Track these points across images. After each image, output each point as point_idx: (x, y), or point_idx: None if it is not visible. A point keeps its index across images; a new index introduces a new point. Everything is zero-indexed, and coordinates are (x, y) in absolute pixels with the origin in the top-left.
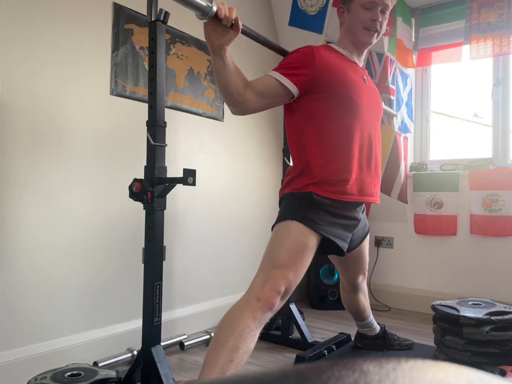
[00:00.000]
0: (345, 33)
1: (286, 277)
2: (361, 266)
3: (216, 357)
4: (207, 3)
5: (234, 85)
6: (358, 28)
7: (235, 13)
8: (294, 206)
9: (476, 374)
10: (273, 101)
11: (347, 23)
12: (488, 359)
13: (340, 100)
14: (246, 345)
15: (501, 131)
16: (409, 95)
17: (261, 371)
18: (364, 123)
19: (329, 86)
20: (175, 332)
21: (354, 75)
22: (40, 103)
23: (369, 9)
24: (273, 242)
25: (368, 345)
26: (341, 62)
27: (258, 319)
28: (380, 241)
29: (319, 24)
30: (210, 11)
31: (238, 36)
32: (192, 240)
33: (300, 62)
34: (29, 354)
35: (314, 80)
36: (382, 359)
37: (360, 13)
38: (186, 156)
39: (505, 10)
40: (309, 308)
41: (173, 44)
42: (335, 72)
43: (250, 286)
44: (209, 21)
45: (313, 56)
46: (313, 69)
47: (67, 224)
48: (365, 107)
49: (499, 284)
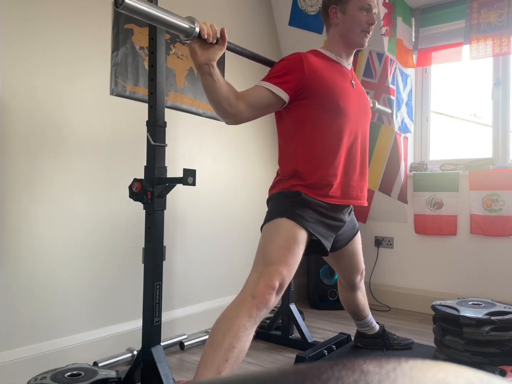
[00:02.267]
0: (336, 34)
1: (279, 272)
2: (356, 266)
3: (212, 357)
4: (189, 25)
5: (225, 99)
6: (355, 31)
7: (217, 28)
8: (283, 204)
9: (476, 374)
10: (266, 110)
11: (341, 25)
12: (488, 359)
13: (327, 107)
14: (241, 344)
15: (501, 131)
16: (409, 95)
17: (261, 371)
18: (351, 128)
19: (317, 92)
20: (175, 332)
21: (342, 81)
22: (40, 103)
23: (366, 12)
24: (264, 240)
25: (368, 345)
26: (329, 68)
27: (253, 317)
28: (380, 241)
29: (319, 24)
30: (193, 32)
31: (224, 50)
32: (192, 240)
33: (288, 69)
34: (29, 354)
35: (303, 86)
36: (382, 359)
37: (358, 16)
38: (186, 156)
39: (505, 10)
40: (309, 308)
41: (173, 44)
42: (323, 78)
43: (244, 285)
44: (193, 40)
45: (301, 63)
46: (302, 74)
47: (67, 224)
48: (352, 112)
49: (499, 284)
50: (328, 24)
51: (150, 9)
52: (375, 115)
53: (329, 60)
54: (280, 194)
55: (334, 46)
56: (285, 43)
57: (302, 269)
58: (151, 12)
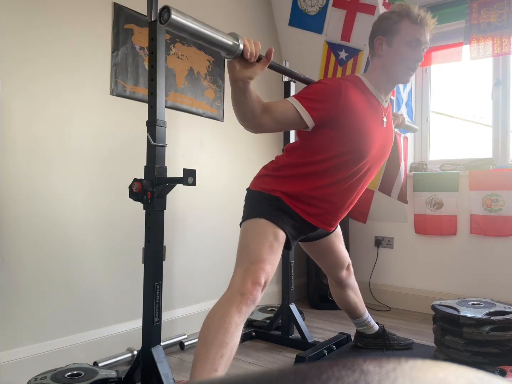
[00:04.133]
0: (379, 66)
1: (264, 270)
2: (337, 261)
3: (206, 354)
4: (233, 41)
5: (252, 112)
6: (399, 67)
7: (260, 47)
8: (263, 205)
9: (476, 374)
10: (288, 127)
11: (386, 58)
12: (488, 359)
13: (349, 145)
14: (234, 340)
15: (501, 131)
16: (409, 95)
17: (261, 371)
18: (365, 166)
19: (345, 128)
20: (175, 332)
21: (374, 120)
22: (40, 103)
23: (413, 47)
24: (247, 239)
25: (368, 345)
26: (365, 104)
27: (243, 313)
28: (380, 241)
29: (319, 24)
30: (237, 50)
31: (264, 70)
32: (192, 240)
33: (323, 95)
34: (29, 354)
35: (332, 118)
36: (382, 359)
37: (404, 51)
38: (186, 156)
39: (505, 10)
40: (309, 308)
41: (173, 44)
42: (355, 116)
43: (230, 283)
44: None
45: (339, 94)
46: (335, 107)
47: (67, 224)
48: (372, 156)
49: (499, 284)
50: (372, 53)
51: (196, 26)
52: None
53: (367, 94)
54: (260, 194)
55: (375, 78)
56: (285, 43)
57: (302, 269)
58: (197, 29)
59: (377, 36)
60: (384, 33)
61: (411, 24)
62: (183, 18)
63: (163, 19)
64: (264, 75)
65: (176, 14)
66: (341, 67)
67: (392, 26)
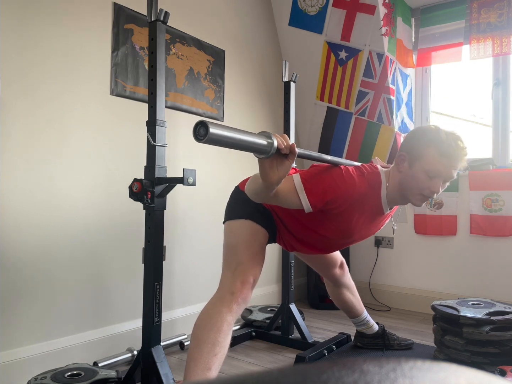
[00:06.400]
0: (397, 181)
1: (252, 269)
2: (327, 260)
3: (199, 354)
4: (267, 141)
5: (265, 200)
6: (413, 191)
7: (288, 138)
8: (248, 206)
9: (476, 374)
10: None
11: (404, 177)
12: (488, 359)
13: (334, 231)
14: (227, 338)
15: (501, 131)
16: (409, 95)
17: (261, 371)
18: (350, 239)
19: (338, 219)
20: (175, 332)
21: (368, 224)
22: (40, 103)
23: (431, 178)
24: (234, 239)
25: (368, 345)
26: (370, 217)
27: (234, 312)
28: (380, 241)
29: (319, 24)
30: (271, 149)
31: (292, 164)
32: (192, 240)
33: (331, 194)
34: (29, 354)
35: (330, 210)
36: (382, 359)
37: (422, 179)
38: (186, 156)
39: (505, 10)
40: (309, 308)
41: (173, 44)
42: (349, 221)
43: (220, 284)
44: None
45: (347, 202)
46: (337, 206)
47: (67, 224)
48: (358, 236)
49: (499, 284)
50: (396, 162)
51: (233, 134)
52: (374, 116)
53: (376, 206)
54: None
55: (391, 190)
56: (285, 43)
57: (302, 269)
58: (234, 137)
59: (402, 152)
60: (409, 152)
61: (437, 156)
62: (221, 130)
63: (199, 135)
64: (264, 75)
65: (213, 128)
66: (341, 67)
67: (418, 150)
